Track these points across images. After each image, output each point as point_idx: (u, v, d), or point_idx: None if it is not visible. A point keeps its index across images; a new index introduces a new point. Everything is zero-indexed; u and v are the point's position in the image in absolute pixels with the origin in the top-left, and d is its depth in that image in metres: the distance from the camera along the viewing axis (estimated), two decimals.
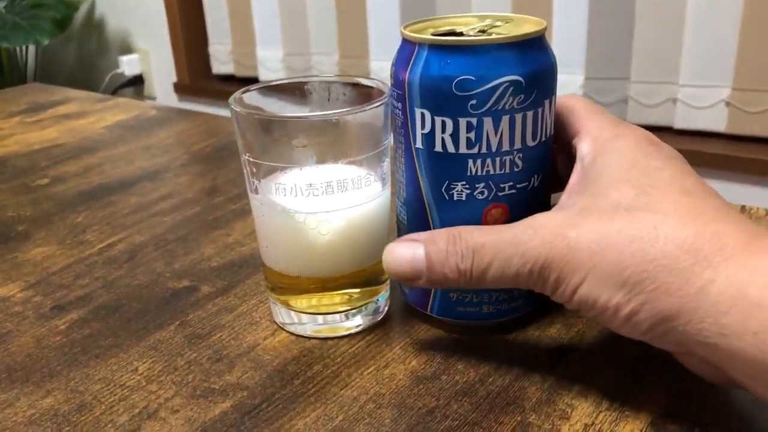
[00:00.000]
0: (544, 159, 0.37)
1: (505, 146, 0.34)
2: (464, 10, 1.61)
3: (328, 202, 0.36)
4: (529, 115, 0.34)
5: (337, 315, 0.39)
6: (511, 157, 0.35)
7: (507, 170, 0.35)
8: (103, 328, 0.41)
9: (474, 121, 0.34)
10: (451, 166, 0.35)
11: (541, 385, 0.35)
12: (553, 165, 0.38)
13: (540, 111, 0.35)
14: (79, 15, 2.47)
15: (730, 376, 0.29)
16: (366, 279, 0.39)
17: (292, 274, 0.39)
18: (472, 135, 0.34)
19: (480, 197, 0.35)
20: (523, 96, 0.34)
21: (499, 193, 0.35)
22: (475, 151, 0.34)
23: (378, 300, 0.40)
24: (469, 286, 0.33)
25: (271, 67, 2.07)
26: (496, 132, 0.34)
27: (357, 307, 0.39)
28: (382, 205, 0.39)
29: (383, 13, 1.81)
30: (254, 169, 0.37)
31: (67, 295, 0.45)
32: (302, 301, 0.39)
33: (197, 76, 2.29)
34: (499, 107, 0.33)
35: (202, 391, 0.35)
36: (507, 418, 0.32)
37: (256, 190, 0.38)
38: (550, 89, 0.35)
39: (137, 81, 2.46)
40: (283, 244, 0.38)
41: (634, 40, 1.45)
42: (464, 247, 0.33)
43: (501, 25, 0.36)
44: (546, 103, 0.35)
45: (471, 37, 0.35)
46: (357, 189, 0.37)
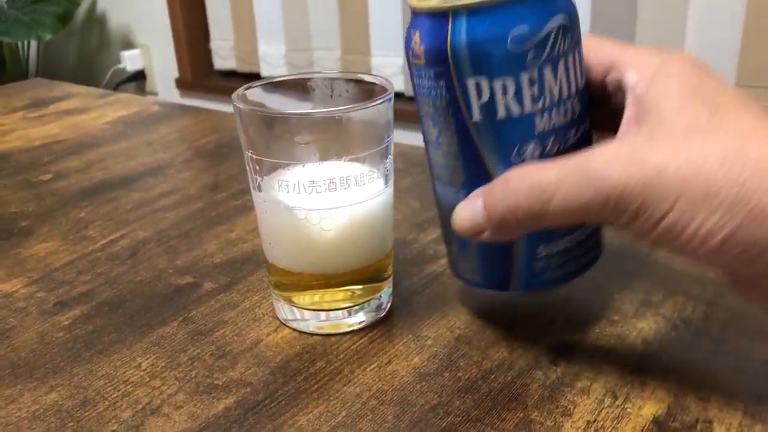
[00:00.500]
0: (588, 100, 0.35)
1: (565, 93, 0.33)
2: None
3: (331, 199, 0.36)
4: (577, 55, 0.33)
5: (340, 311, 0.39)
6: (571, 103, 0.33)
7: (569, 118, 0.33)
8: (106, 324, 0.41)
9: (535, 73, 0.32)
10: (518, 129, 0.33)
11: (544, 382, 0.35)
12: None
13: (580, 50, 0.33)
14: (81, 10, 2.46)
15: None
16: (369, 275, 0.40)
17: (295, 271, 0.39)
18: (536, 89, 0.32)
19: (552, 153, 0.33)
20: (571, 35, 0.32)
21: (566, 144, 0.34)
22: (540, 105, 0.32)
23: (381, 296, 0.40)
24: (532, 226, 0.31)
25: (273, 63, 2.07)
26: (556, 79, 0.32)
27: (360, 304, 0.39)
28: (384, 202, 0.39)
29: (385, 9, 1.81)
30: (257, 165, 0.37)
31: (70, 291, 0.45)
32: (305, 298, 0.40)
33: (199, 72, 2.29)
34: (555, 52, 0.32)
35: (205, 387, 0.35)
36: (509, 415, 0.33)
37: (259, 187, 0.38)
38: (579, 24, 0.34)
39: (139, 77, 2.46)
40: (285, 241, 0.38)
41: (636, 39, 1.45)
42: (521, 186, 0.31)
43: None
44: (581, 40, 0.34)
45: None
46: (360, 186, 0.37)
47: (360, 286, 0.39)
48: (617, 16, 1.46)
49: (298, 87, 0.41)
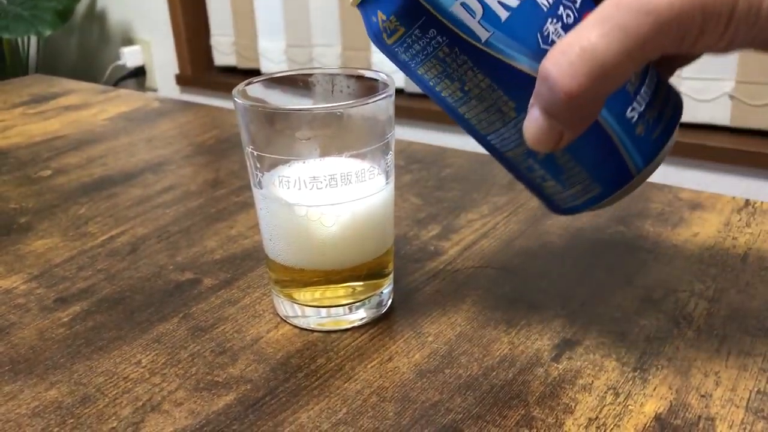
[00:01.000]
0: None
1: None
2: None
3: (332, 195, 0.36)
4: None
5: (341, 308, 0.39)
6: None
7: None
8: (106, 320, 0.41)
9: None
10: (527, 18, 0.30)
11: (545, 380, 0.34)
12: None
13: None
14: (81, 6, 2.46)
15: None
16: (369, 272, 0.39)
17: (296, 267, 0.39)
18: None
19: (570, 22, 0.30)
20: None
21: (576, 5, 0.31)
22: None
23: (381, 293, 0.40)
24: (602, 92, 0.28)
25: (273, 59, 2.07)
26: None
27: (360, 300, 0.39)
28: (385, 199, 0.38)
29: None
30: (257, 161, 0.37)
31: (70, 288, 0.44)
32: (306, 294, 0.39)
33: (199, 68, 2.29)
34: None
35: (206, 384, 0.35)
36: (511, 412, 0.32)
37: (260, 183, 0.38)
38: None
39: (139, 73, 2.46)
40: (286, 237, 0.38)
41: None
42: (569, 59, 0.27)
43: None
44: None
45: None
46: (361, 182, 0.36)
47: (361, 283, 0.39)
48: None
49: (299, 83, 0.41)
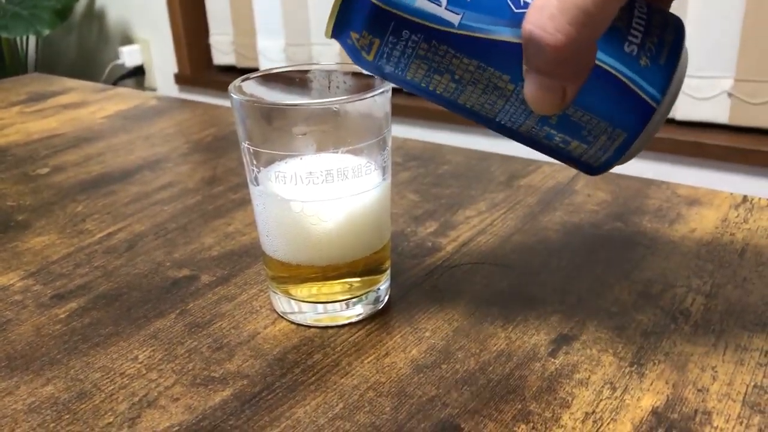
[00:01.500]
0: None
1: None
2: None
3: (328, 191, 0.36)
4: None
5: (338, 304, 0.39)
6: None
7: None
8: (103, 316, 0.41)
9: None
10: None
11: (542, 374, 0.34)
12: None
13: None
14: (80, 5, 2.46)
15: None
16: (366, 268, 0.39)
17: (292, 263, 0.39)
18: None
19: None
20: None
21: None
22: None
23: (378, 289, 0.40)
24: (590, 34, 0.27)
25: (272, 58, 2.07)
26: None
27: (357, 296, 0.39)
28: (382, 194, 0.38)
29: None
30: (254, 157, 0.37)
31: (67, 284, 0.44)
32: (302, 290, 0.39)
33: (198, 67, 2.29)
34: None
35: (203, 380, 0.35)
36: (507, 407, 0.32)
37: (256, 179, 0.38)
38: None
39: (138, 72, 2.46)
40: (282, 233, 0.38)
41: None
42: (547, 14, 0.27)
43: None
44: None
45: None
46: (357, 177, 0.36)
47: (357, 279, 0.39)
48: None
49: (296, 79, 0.41)
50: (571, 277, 0.43)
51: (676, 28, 0.32)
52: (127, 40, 2.45)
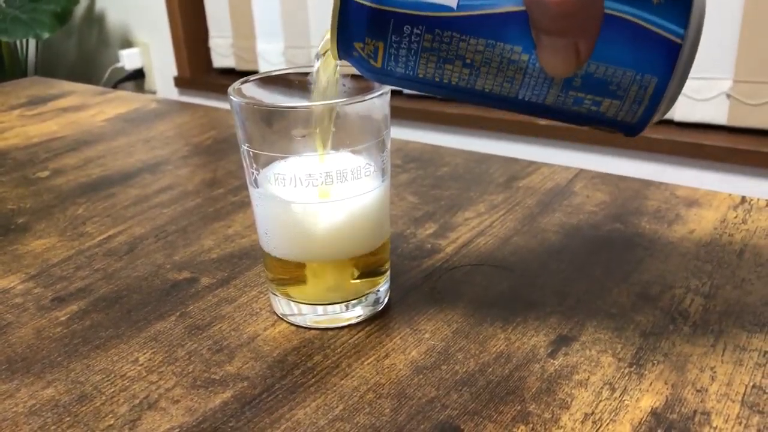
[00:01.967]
0: None
1: None
2: None
3: (328, 192, 0.36)
4: None
5: (337, 306, 0.39)
6: None
7: None
8: (103, 319, 0.41)
9: None
10: None
11: (541, 375, 0.35)
12: None
13: None
14: (80, 9, 2.46)
15: None
16: (366, 270, 0.39)
17: (291, 261, 0.39)
18: None
19: None
20: None
21: None
22: None
23: (378, 291, 0.40)
24: None
25: (272, 61, 2.07)
26: None
27: (357, 298, 0.39)
28: (381, 196, 0.39)
29: None
30: (253, 159, 0.37)
31: (67, 287, 0.45)
32: (302, 292, 0.39)
33: (198, 70, 2.29)
34: None
35: (203, 382, 0.35)
36: (506, 408, 0.33)
37: (256, 181, 0.38)
38: None
39: (138, 75, 2.46)
40: (282, 234, 0.38)
41: None
42: None
43: None
44: None
45: None
46: (356, 179, 0.37)
47: (357, 280, 0.39)
48: None
49: (295, 81, 0.41)
50: (570, 279, 0.43)
51: None
52: (127, 44, 2.45)
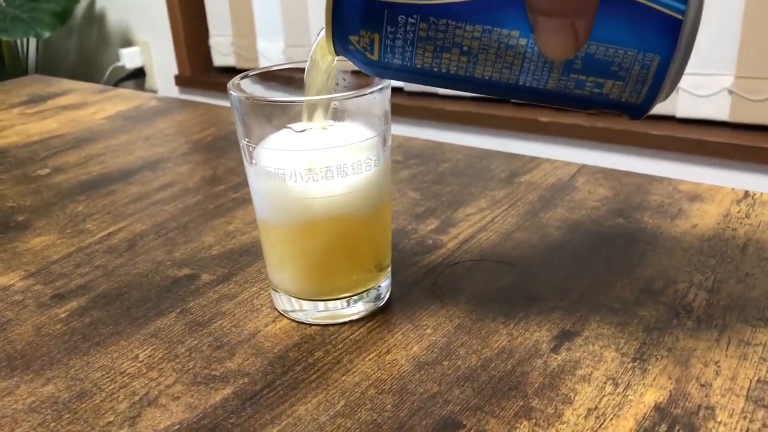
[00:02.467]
0: None
1: None
2: None
3: (328, 187, 0.36)
4: None
5: (338, 302, 0.39)
6: None
7: None
8: (103, 316, 0.41)
9: None
10: None
11: (544, 370, 0.34)
12: None
13: None
14: (80, 8, 2.46)
15: None
16: (367, 265, 0.39)
17: (291, 246, 0.39)
18: None
19: None
20: None
21: None
22: None
23: (379, 286, 0.40)
24: None
25: (272, 59, 2.07)
26: None
27: (358, 294, 0.39)
28: (382, 191, 0.38)
29: None
30: (253, 154, 0.37)
31: (67, 284, 0.44)
32: (303, 287, 0.39)
33: (198, 69, 2.29)
34: None
35: (203, 378, 0.35)
36: (509, 403, 0.32)
37: (255, 176, 0.37)
38: None
39: (138, 74, 2.46)
40: (282, 229, 0.38)
41: None
42: None
43: None
44: None
45: None
46: (357, 174, 0.36)
47: (359, 276, 0.39)
48: None
49: (295, 76, 0.41)
50: (572, 274, 0.43)
51: None
52: (127, 43, 2.45)
